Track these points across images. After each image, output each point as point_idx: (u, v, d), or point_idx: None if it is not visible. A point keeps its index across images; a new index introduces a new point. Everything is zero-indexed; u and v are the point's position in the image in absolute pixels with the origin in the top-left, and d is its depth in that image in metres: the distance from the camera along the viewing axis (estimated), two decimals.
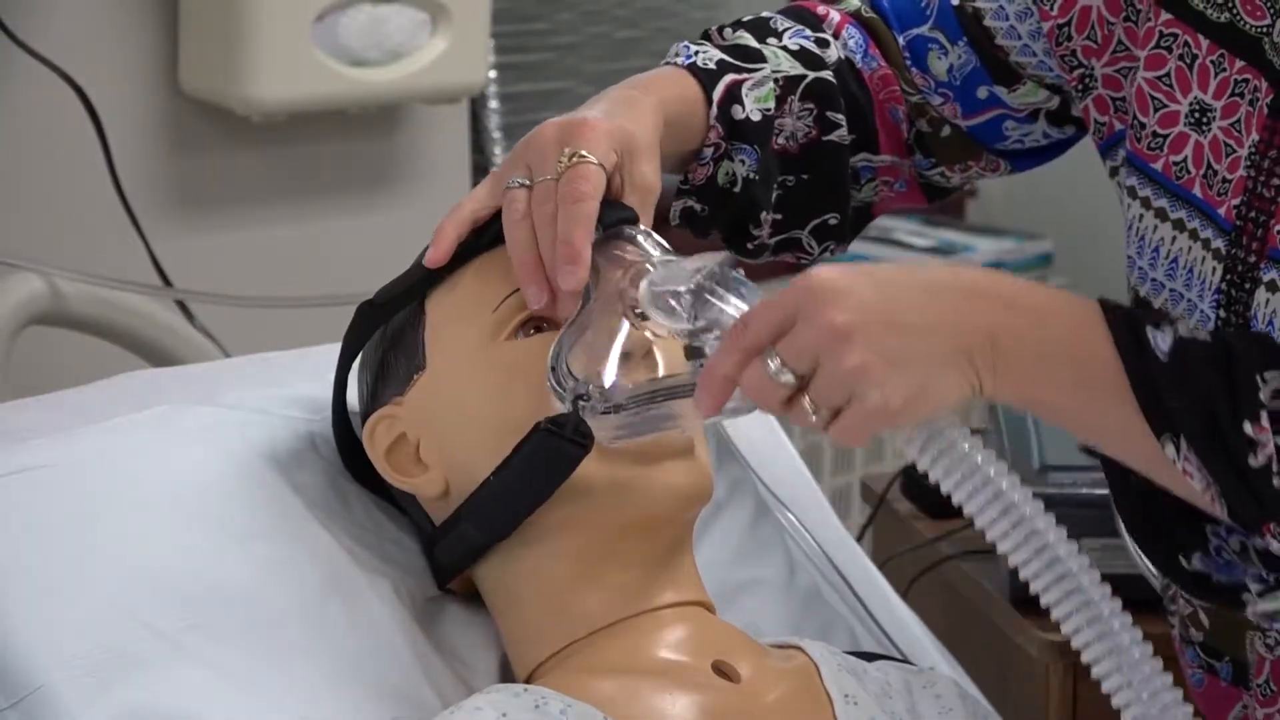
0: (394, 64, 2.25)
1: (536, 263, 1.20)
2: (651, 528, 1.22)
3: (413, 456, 1.25)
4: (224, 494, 1.26)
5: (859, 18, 1.39)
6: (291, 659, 1.20)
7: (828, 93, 1.34)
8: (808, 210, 1.37)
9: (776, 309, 1.08)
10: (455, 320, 1.25)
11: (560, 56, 2.93)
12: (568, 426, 1.16)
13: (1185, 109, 1.20)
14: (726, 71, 1.32)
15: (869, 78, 1.36)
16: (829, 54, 1.36)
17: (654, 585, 1.23)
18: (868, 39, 1.37)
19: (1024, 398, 1.10)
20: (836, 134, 1.35)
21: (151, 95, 2.21)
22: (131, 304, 2.05)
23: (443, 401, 1.24)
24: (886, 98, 1.37)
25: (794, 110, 1.34)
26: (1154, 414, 1.07)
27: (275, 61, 2.15)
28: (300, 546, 1.25)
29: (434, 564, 1.29)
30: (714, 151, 1.33)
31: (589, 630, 1.22)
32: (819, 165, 1.35)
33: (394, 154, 2.42)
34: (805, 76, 1.34)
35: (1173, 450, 1.07)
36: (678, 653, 1.21)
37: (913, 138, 1.38)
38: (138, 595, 1.19)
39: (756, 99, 1.32)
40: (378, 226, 2.38)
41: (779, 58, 1.35)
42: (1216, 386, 1.06)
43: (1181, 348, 1.07)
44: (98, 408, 1.37)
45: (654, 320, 1.16)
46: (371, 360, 1.29)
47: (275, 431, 1.31)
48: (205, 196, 2.27)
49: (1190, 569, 1.19)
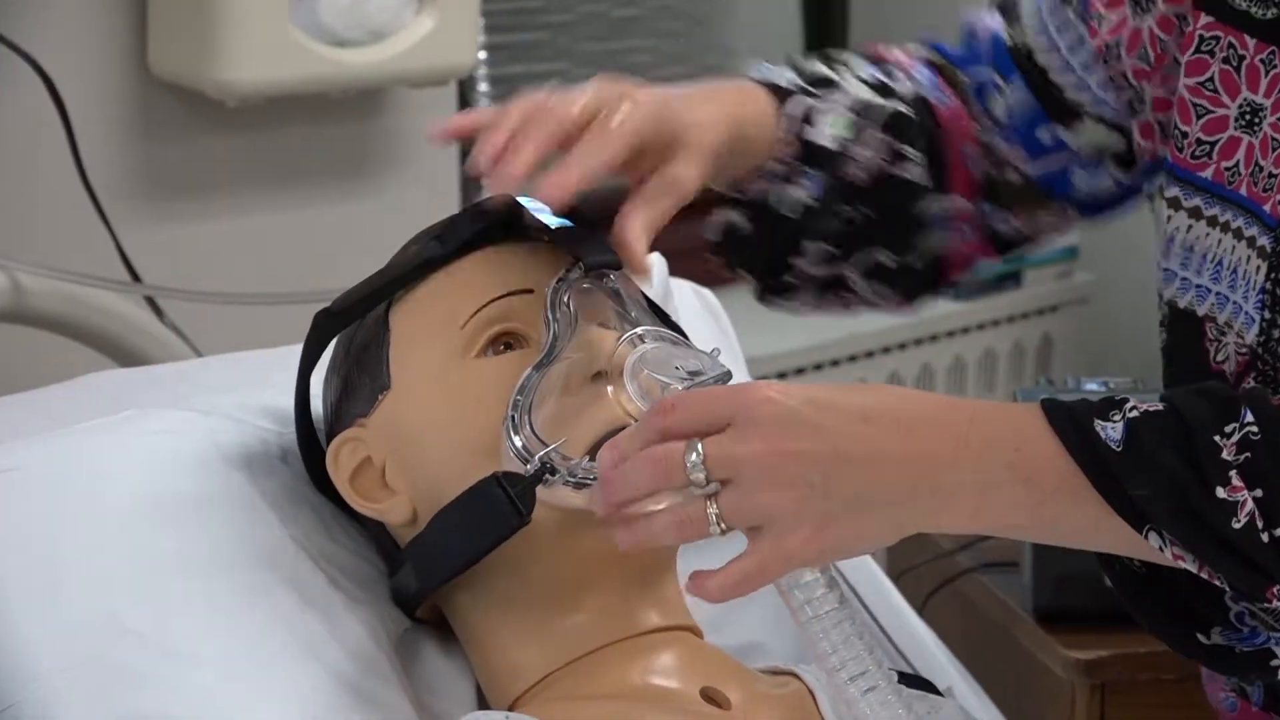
0: (377, 44, 2.25)
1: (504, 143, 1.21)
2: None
3: (379, 481, 1.26)
4: (197, 505, 1.27)
5: (926, 60, 1.41)
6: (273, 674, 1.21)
7: (904, 126, 1.36)
8: (864, 245, 1.38)
9: (712, 403, 1.09)
10: (421, 337, 1.25)
11: (554, 36, 2.94)
12: (517, 488, 1.16)
13: (1234, 112, 1.21)
14: (804, 94, 1.34)
15: (942, 113, 1.38)
16: (902, 87, 1.38)
17: (636, 609, 1.24)
18: (936, 75, 1.40)
19: (976, 528, 1.11)
20: (910, 170, 1.36)
21: (119, 78, 2.21)
22: (98, 300, 2.06)
23: (408, 424, 1.25)
24: (960, 135, 1.38)
25: (869, 141, 1.35)
26: (1125, 509, 1.08)
27: (251, 42, 2.16)
28: (278, 567, 1.26)
29: (394, 596, 1.30)
30: (780, 171, 1.34)
31: (567, 660, 1.23)
32: (886, 200, 1.36)
33: (377, 140, 2.43)
34: (883, 107, 1.36)
35: (1157, 539, 1.08)
36: (664, 679, 1.22)
37: (983, 181, 1.40)
38: (116, 604, 1.20)
39: (833, 125, 1.34)
40: (360, 217, 2.38)
41: (855, 87, 1.37)
42: (1177, 463, 1.07)
43: (1133, 432, 1.08)
44: (62, 410, 1.38)
45: (629, 399, 1.17)
46: (335, 378, 1.30)
47: (248, 438, 1.33)
48: (176, 186, 2.28)
49: (1209, 644, 1.20)
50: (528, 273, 1.26)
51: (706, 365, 1.17)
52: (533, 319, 1.24)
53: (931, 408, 1.10)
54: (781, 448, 1.07)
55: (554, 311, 1.20)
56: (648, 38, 3.08)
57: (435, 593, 1.26)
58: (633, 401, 1.17)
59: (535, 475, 1.15)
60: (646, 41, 3.08)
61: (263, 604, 1.24)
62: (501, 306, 1.25)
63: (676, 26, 3.12)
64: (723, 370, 1.18)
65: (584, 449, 1.17)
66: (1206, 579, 1.10)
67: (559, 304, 1.21)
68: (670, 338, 1.21)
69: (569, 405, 1.18)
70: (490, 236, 1.28)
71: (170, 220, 2.26)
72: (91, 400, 1.41)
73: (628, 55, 3.04)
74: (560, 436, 1.16)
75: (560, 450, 1.15)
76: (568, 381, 1.19)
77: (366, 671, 1.24)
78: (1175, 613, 1.20)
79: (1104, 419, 1.09)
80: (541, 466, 1.15)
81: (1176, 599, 1.18)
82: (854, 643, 1.09)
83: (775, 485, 1.07)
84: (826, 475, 1.07)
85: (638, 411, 1.16)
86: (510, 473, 1.17)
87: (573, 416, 1.18)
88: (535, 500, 1.16)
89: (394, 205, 2.40)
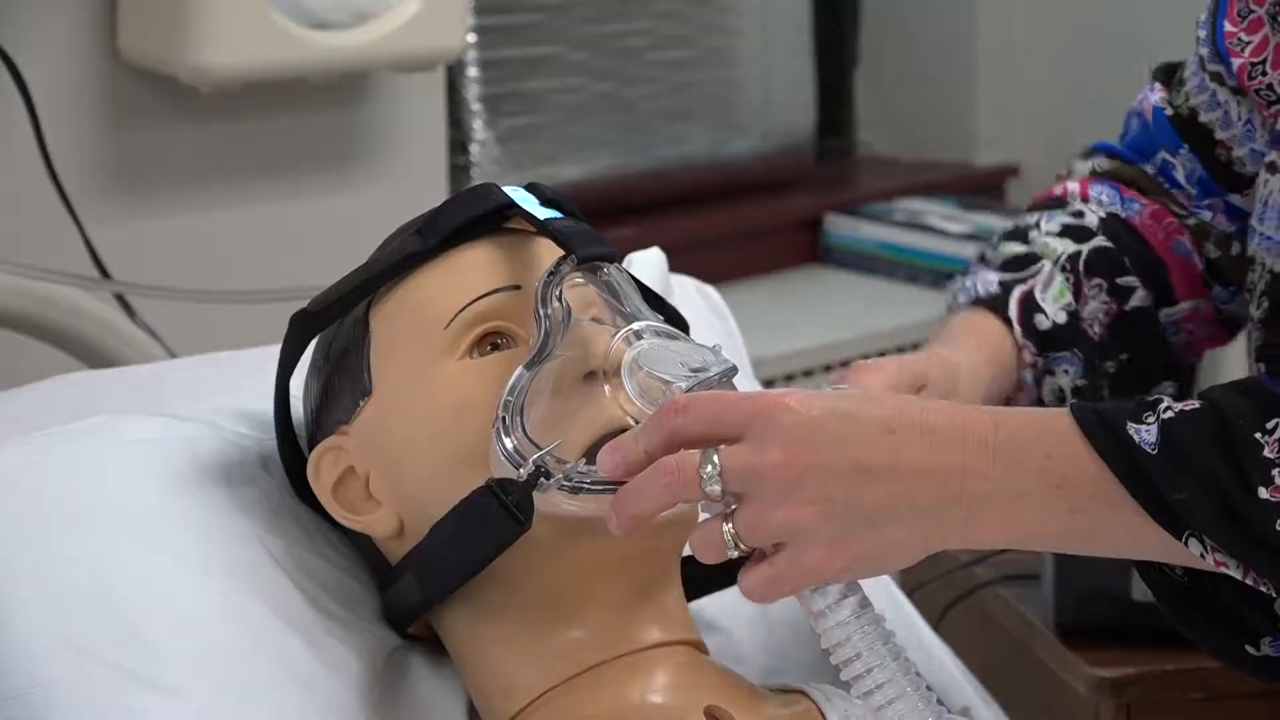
0: (361, 27, 2.25)
1: None
2: (629, 563, 1.22)
3: (362, 491, 1.26)
4: (170, 517, 1.26)
5: (1097, 174, 1.44)
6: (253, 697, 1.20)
7: (1109, 259, 1.39)
8: (1142, 391, 1.41)
9: (726, 408, 1.10)
10: (402, 338, 1.25)
11: (548, 18, 2.94)
12: (513, 495, 1.16)
13: None
14: (1012, 287, 1.36)
15: (1139, 223, 1.41)
16: (1089, 220, 1.41)
17: (635, 623, 1.23)
18: (1117, 187, 1.42)
19: (1006, 540, 1.12)
20: (1137, 298, 1.39)
21: (87, 63, 2.21)
22: (65, 298, 2.05)
23: (391, 431, 1.24)
24: (1166, 234, 1.41)
25: (1090, 292, 1.38)
26: (1162, 515, 1.09)
27: (227, 24, 2.16)
28: (256, 584, 1.25)
29: (387, 611, 1.29)
30: (1034, 373, 1.39)
31: (565, 677, 1.23)
32: (1134, 339, 1.39)
33: (361, 128, 2.43)
34: (1081, 251, 1.39)
35: (1197, 545, 1.09)
36: (666, 697, 1.22)
37: (1205, 268, 1.42)
38: (74, 624, 1.19)
39: (1054, 298, 1.37)
40: (343, 209, 2.38)
41: (1051, 246, 1.40)
42: (1215, 463, 1.08)
43: (1168, 434, 1.08)
44: (27, 414, 1.37)
45: (627, 398, 1.17)
46: (314, 383, 1.30)
47: (226, 447, 1.32)
48: (148, 177, 2.27)
49: (1259, 655, 1.20)
50: (515, 268, 1.25)
51: (710, 360, 1.17)
52: (521, 317, 1.23)
53: (956, 416, 1.11)
54: (801, 460, 1.07)
55: (545, 307, 1.19)
56: (647, 19, 3.07)
57: (433, 606, 1.25)
58: (631, 401, 1.16)
59: (530, 480, 1.15)
60: (647, 24, 3.07)
61: (241, 625, 1.23)
62: (487, 304, 1.24)
63: (676, 7, 3.11)
64: (728, 365, 1.17)
65: (580, 451, 1.16)
66: (1252, 586, 1.10)
67: (550, 299, 1.20)
68: (670, 332, 1.20)
69: (563, 406, 1.17)
70: (476, 230, 1.27)
71: (141, 213, 2.26)
72: (58, 404, 1.41)
73: (625, 38, 3.04)
74: (554, 439, 1.15)
75: (555, 453, 1.15)
76: (560, 381, 1.18)
77: (353, 694, 1.23)
78: (1222, 624, 1.20)
79: (1137, 421, 1.09)
80: (536, 470, 1.14)
81: (1223, 609, 1.18)
82: (878, 648, 1.10)
83: (794, 500, 1.07)
84: (848, 490, 1.07)
85: (637, 411, 1.16)
86: (504, 480, 1.16)
87: (567, 417, 1.17)
88: (533, 505, 1.16)
89: (378, 197, 2.40)
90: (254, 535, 1.28)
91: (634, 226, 2.79)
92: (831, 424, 1.08)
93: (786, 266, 3.27)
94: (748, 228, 3.20)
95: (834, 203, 3.34)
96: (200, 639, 1.21)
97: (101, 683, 1.18)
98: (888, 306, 3.11)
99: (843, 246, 3.29)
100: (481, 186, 1.27)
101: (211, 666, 1.20)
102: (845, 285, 3.21)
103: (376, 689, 1.25)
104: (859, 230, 3.27)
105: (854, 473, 1.07)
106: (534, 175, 2.43)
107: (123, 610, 1.20)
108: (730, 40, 3.18)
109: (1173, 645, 1.65)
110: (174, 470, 1.28)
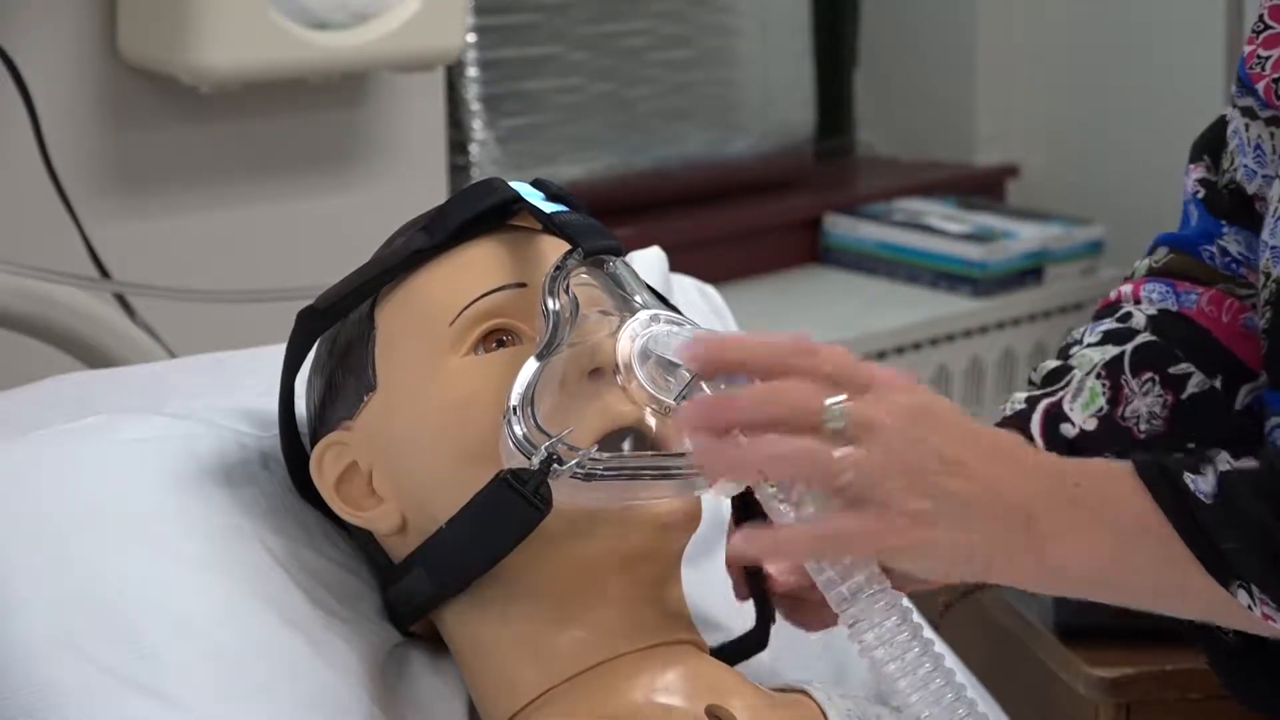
0: (361, 27, 2.25)
1: None
2: (633, 562, 1.22)
3: (365, 488, 1.26)
4: (169, 517, 1.26)
5: (1153, 271, 1.42)
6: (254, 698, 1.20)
7: (1156, 351, 1.37)
8: None
9: (855, 363, 1.11)
10: (407, 334, 1.25)
11: (548, 18, 2.94)
12: (529, 484, 1.16)
13: None
14: (1038, 402, 1.35)
15: (1195, 312, 1.39)
16: (1135, 321, 1.39)
17: (639, 623, 1.23)
18: (1171, 283, 1.41)
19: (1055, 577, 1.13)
20: (1194, 384, 1.37)
21: (87, 63, 2.21)
22: (65, 298, 2.05)
23: (395, 427, 1.24)
24: (1230, 316, 1.39)
25: (1135, 389, 1.36)
26: (1213, 563, 1.10)
27: (227, 24, 2.16)
28: (256, 583, 1.25)
29: (390, 609, 1.29)
30: None
31: (566, 676, 1.23)
32: (1194, 424, 1.36)
33: (361, 128, 2.43)
34: (1123, 353, 1.37)
35: (1245, 596, 1.10)
36: (668, 697, 1.22)
37: None
38: (74, 624, 1.19)
39: (1083, 405, 1.35)
40: (342, 209, 2.38)
41: (1085, 357, 1.38)
42: (1270, 517, 1.09)
43: (1227, 485, 1.10)
44: (27, 414, 1.38)
45: (639, 386, 1.17)
46: (318, 379, 1.30)
47: (226, 444, 1.32)
48: (148, 177, 2.28)
49: None
50: (521, 265, 1.25)
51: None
52: (526, 315, 1.23)
53: (1042, 457, 1.16)
54: (918, 434, 1.08)
55: (552, 300, 1.20)
56: (649, 19, 3.07)
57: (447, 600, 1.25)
58: (643, 389, 1.17)
59: (543, 467, 1.15)
60: (648, 24, 3.07)
61: (241, 624, 1.23)
62: (493, 301, 1.24)
63: (675, 7, 3.11)
64: None
65: (591, 439, 1.16)
66: None
67: (558, 292, 1.20)
68: (678, 320, 1.21)
69: (572, 397, 1.18)
70: (481, 226, 1.27)
71: (141, 213, 2.26)
72: (58, 404, 1.41)
73: (624, 38, 3.04)
74: (565, 428, 1.16)
75: (566, 441, 1.15)
76: (569, 373, 1.18)
77: (354, 691, 1.23)
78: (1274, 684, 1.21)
79: (1194, 472, 1.11)
80: (548, 457, 1.15)
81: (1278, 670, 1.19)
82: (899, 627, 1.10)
83: (902, 465, 1.08)
84: (946, 477, 1.08)
85: (647, 400, 1.16)
86: (518, 470, 1.16)
87: (576, 410, 1.17)
88: (550, 491, 1.16)
89: (379, 197, 2.40)
90: (254, 534, 1.28)
91: (634, 226, 2.79)
92: (948, 414, 1.11)
93: (786, 266, 3.28)
94: (748, 228, 3.20)
95: (834, 203, 3.34)
96: (200, 639, 1.21)
97: (100, 685, 1.18)
98: (887, 306, 3.11)
99: (842, 246, 3.29)
100: (487, 181, 1.27)
101: (211, 666, 1.20)
102: (845, 285, 3.21)
103: (377, 686, 1.25)
104: (859, 230, 3.27)
105: (956, 464, 1.08)
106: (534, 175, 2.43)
107: (123, 610, 1.21)
108: (730, 40, 3.18)
109: (1173, 645, 1.66)
110: (174, 469, 1.29)
